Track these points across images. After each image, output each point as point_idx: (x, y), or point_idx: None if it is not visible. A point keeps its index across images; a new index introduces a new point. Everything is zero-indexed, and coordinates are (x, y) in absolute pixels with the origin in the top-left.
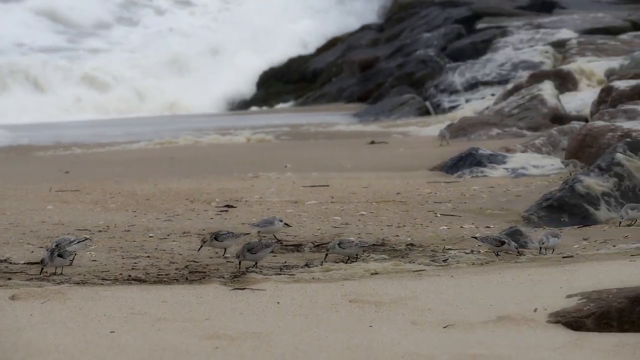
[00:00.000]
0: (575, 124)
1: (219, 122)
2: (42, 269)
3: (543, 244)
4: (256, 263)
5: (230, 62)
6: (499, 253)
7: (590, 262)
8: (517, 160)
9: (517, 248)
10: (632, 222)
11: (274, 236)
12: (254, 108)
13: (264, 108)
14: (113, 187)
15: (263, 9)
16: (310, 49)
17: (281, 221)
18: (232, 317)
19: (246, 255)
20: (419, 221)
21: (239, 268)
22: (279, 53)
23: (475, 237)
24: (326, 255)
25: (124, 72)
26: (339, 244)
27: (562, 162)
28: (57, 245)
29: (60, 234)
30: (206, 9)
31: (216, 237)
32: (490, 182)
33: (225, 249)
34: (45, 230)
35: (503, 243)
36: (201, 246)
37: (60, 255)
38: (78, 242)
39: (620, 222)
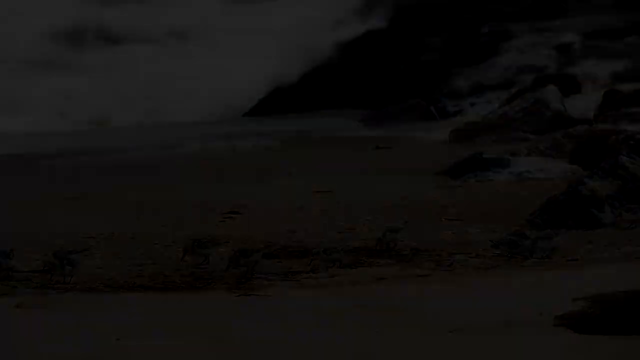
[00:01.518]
0: (580, 128)
1: (224, 128)
2: (51, 275)
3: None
4: (249, 268)
5: (236, 67)
6: (512, 256)
7: (595, 265)
8: (522, 164)
9: (527, 244)
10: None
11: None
12: (259, 114)
13: (270, 114)
14: (118, 194)
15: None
16: None
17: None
18: (238, 324)
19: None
20: (424, 226)
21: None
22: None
23: (491, 241)
24: (310, 262)
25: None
26: (323, 251)
27: None
28: (54, 255)
29: (65, 241)
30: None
31: (199, 244)
32: (495, 186)
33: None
34: (50, 239)
35: (517, 245)
36: (184, 255)
37: (68, 264)
38: (76, 253)
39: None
